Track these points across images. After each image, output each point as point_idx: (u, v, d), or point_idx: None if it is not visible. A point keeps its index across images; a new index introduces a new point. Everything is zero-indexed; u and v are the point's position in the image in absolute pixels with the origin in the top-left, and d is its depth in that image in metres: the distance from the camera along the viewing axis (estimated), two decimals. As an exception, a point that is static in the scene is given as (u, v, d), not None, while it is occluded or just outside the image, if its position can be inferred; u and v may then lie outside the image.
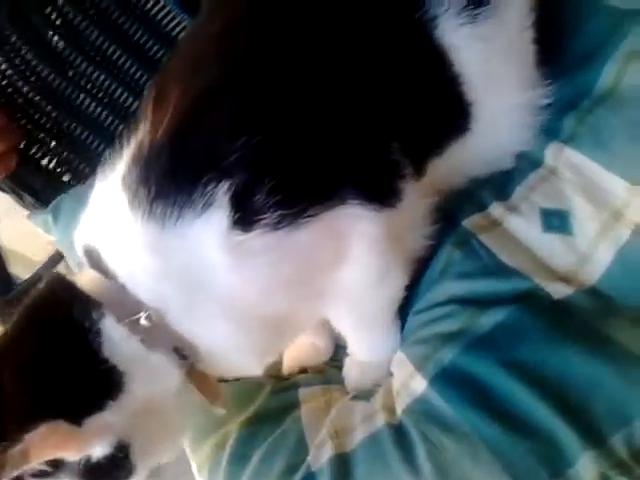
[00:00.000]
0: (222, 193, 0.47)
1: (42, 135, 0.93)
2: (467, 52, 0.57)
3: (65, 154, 0.95)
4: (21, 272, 1.09)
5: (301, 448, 0.61)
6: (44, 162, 0.94)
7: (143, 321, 0.51)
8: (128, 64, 0.93)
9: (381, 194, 0.55)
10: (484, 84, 0.59)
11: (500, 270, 0.60)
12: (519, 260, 0.61)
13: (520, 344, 0.55)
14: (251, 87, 0.52)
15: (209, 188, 0.47)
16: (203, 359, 0.56)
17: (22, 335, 0.53)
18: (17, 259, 1.33)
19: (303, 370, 0.72)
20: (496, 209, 0.65)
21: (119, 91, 0.94)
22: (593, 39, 0.63)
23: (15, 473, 0.46)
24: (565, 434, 0.50)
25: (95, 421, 0.49)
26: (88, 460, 0.49)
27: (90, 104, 0.93)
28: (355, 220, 0.53)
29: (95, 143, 0.96)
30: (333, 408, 0.64)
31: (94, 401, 0.49)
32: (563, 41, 0.65)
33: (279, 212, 0.48)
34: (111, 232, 0.53)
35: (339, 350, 0.73)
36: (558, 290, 0.57)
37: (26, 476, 0.50)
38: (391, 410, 0.60)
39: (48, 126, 0.93)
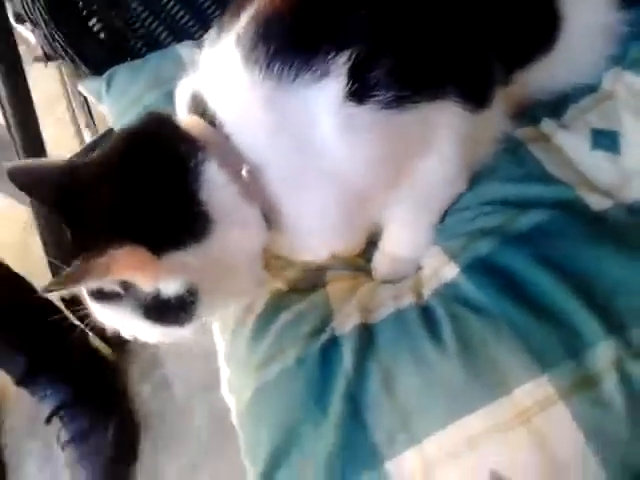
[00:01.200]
0: (342, 62, 0.49)
1: (105, 9, 0.94)
2: None
3: (123, 30, 0.95)
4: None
5: (327, 316, 0.64)
6: (102, 35, 0.95)
7: (244, 173, 0.52)
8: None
9: (478, 96, 0.57)
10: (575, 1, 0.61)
11: (544, 178, 0.63)
12: (563, 171, 0.63)
13: (555, 243, 0.57)
14: None
15: (330, 56, 0.48)
16: (281, 231, 0.58)
17: (124, 157, 0.54)
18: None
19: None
20: (548, 125, 0.67)
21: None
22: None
23: (95, 283, 0.48)
24: (588, 322, 0.52)
25: (175, 257, 0.50)
26: (157, 295, 0.52)
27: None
28: (451, 116, 0.55)
29: (154, 24, 0.96)
30: (361, 288, 0.66)
31: (179, 238, 0.51)
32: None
33: (392, 92, 0.50)
34: (222, 84, 0.54)
35: (369, 247, 0.75)
36: (598, 202, 0.60)
37: (87, 292, 0.54)
38: (419, 294, 0.62)
39: (113, 2, 0.94)
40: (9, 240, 1.57)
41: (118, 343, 1.51)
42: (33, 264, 1.43)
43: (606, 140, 0.63)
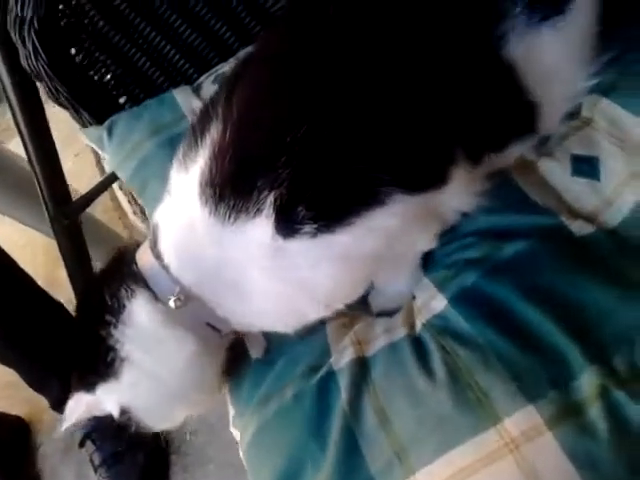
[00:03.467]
0: (270, 202, 0.53)
1: (103, 57, 0.98)
2: (531, 63, 0.61)
3: (122, 77, 0.99)
4: None
5: (324, 353, 0.66)
6: (101, 84, 0.99)
7: (171, 303, 0.59)
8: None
9: (429, 181, 0.58)
10: (547, 87, 0.63)
11: (527, 206, 0.64)
12: (547, 199, 0.64)
13: (538, 271, 0.59)
14: (304, 90, 0.56)
15: (262, 195, 0.53)
16: (236, 327, 0.64)
17: (83, 299, 0.68)
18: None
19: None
20: (530, 153, 0.69)
21: (184, 27, 0.99)
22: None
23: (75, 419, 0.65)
24: (572, 351, 0.53)
25: (100, 392, 0.62)
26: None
27: (155, 36, 0.98)
28: (393, 207, 0.55)
29: (152, 70, 1.00)
30: (357, 323, 0.68)
31: (101, 375, 0.61)
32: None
33: (316, 224, 0.53)
34: (177, 218, 0.60)
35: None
36: (580, 227, 0.61)
37: None
38: (411, 325, 0.64)
39: (109, 48, 0.98)
40: (35, 272, 1.63)
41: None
42: (61, 294, 1.49)
43: (586, 166, 0.65)
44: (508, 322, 0.57)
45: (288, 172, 0.52)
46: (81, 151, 2.14)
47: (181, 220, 0.59)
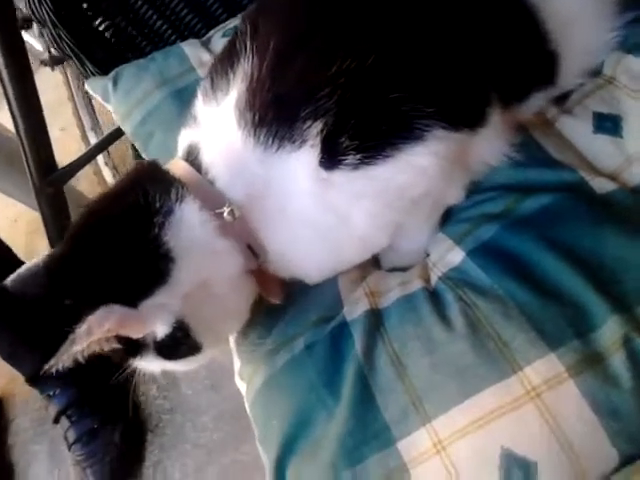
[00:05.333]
0: (315, 132, 0.52)
1: (110, 8, 0.95)
2: (552, 9, 0.61)
3: (128, 28, 0.97)
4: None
5: (336, 304, 0.65)
6: (107, 34, 0.96)
7: (226, 215, 0.55)
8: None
9: (468, 119, 0.58)
10: (569, 35, 0.63)
11: (547, 162, 0.63)
12: (567, 155, 0.64)
13: (560, 225, 0.58)
14: (343, 25, 0.55)
15: (306, 125, 0.52)
16: (270, 261, 0.61)
17: (100, 212, 0.58)
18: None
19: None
20: (550, 110, 0.68)
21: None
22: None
23: (83, 344, 0.51)
24: (595, 302, 0.53)
25: (150, 303, 0.53)
26: (156, 339, 0.55)
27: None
28: (436, 144, 0.54)
29: (158, 22, 0.98)
30: (369, 276, 0.67)
31: (146, 286, 0.54)
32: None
33: (359, 155, 0.52)
34: (217, 139, 0.58)
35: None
36: (602, 185, 0.60)
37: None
38: (427, 279, 0.63)
39: (117, 1, 0.95)
40: (15, 244, 1.59)
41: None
42: None
43: (608, 124, 0.64)
44: (529, 274, 0.56)
45: (332, 103, 0.51)
46: (67, 125, 2.09)
47: (222, 141, 0.57)
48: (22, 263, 0.56)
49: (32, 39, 1.60)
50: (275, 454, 0.59)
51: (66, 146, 1.96)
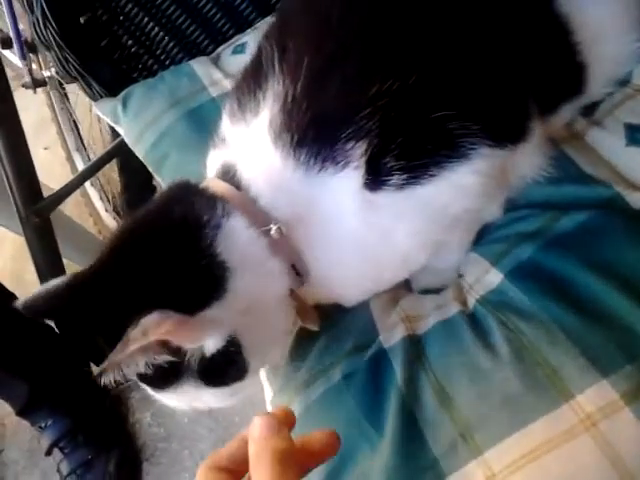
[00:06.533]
0: (360, 154, 0.51)
1: (115, 28, 0.93)
2: (582, 17, 0.60)
3: (134, 48, 0.95)
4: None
5: (371, 330, 0.63)
6: (114, 55, 0.94)
7: (273, 232, 0.54)
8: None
9: (513, 133, 0.57)
10: (596, 45, 0.62)
11: (581, 178, 0.62)
12: (600, 170, 0.62)
13: (599, 243, 0.57)
14: (380, 44, 0.54)
15: (349, 146, 0.51)
16: (310, 282, 0.59)
17: (142, 226, 0.56)
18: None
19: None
20: (580, 123, 0.66)
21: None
22: None
23: (138, 347, 0.47)
24: (643, 323, 0.51)
25: (205, 314, 0.51)
26: (203, 356, 0.52)
27: (170, 6, 0.93)
28: (479, 162, 0.54)
29: (164, 40, 0.96)
30: (402, 300, 0.66)
31: (204, 296, 0.51)
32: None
33: (404, 175, 0.52)
34: (253, 160, 0.56)
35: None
36: (638, 199, 0.59)
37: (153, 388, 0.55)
38: (464, 302, 0.62)
39: (122, 20, 0.93)
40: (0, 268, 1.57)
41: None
42: (27, 291, 1.41)
43: (640, 135, 0.63)
44: (572, 296, 0.55)
45: (374, 123, 0.50)
46: (51, 144, 2.04)
47: (260, 162, 0.55)
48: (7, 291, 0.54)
49: (14, 58, 1.55)
50: None
51: (50, 166, 1.92)
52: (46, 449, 1.34)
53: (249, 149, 0.56)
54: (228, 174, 0.57)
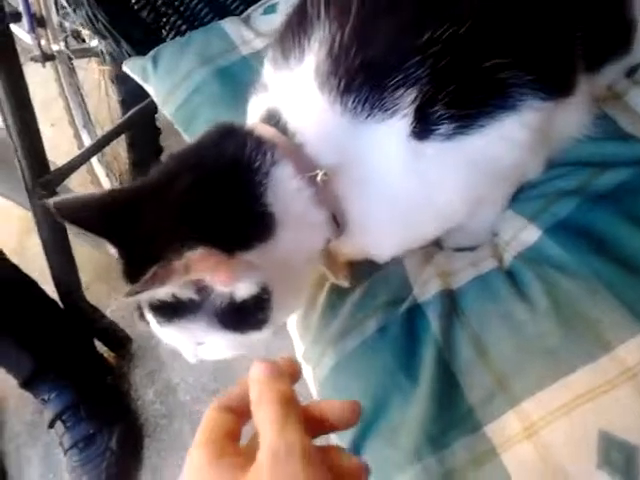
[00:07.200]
0: (408, 101, 0.50)
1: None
2: None
3: (164, 8, 0.94)
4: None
5: (405, 285, 0.63)
6: (144, 14, 0.94)
7: (319, 178, 0.53)
8: None
9: (560, 85, 0.56)
10: None
11: (621, 136, 0.62)
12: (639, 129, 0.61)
13: (639, 200, 0.56)
14: None
15: (398, 94, 0.50)
16: (347, 234, 0.58)
17: (190, 164, 0.54)
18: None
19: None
20: (621, 83, 0.66)
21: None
22: None
23: (179, 282, 0.47)
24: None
25: (246, 257, 0.50)
26: (232, 300, 0.52)
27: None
28: (527, 114, 0.53)
29: (196, 3, 0.95)
30: (435, 256, 0.65)
31: (248, 239, 0.51)
32: None
33: (453, 124, 0.51)
34: (299, 105, 0.55)
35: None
36: (679, 157, 0.58)
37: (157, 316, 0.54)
38: (500, 259, 0.61)
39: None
40: (6, 242, 1.57)
41: (122, 347, 1.51)
42: (30, 265, 1.42)
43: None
44: (613, 251, 0.55)
45: (424, 71, 0.49)
46: (57, 120, 2.03)
47: (306, 107, 0.54)
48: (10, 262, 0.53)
49: (22, 33, 1.54)
50: (350, 437, 0.57)
51: (58, 142, 1.92)
52: (49, 422, 1.35)
53: (294, 95, 0.55)
54: (273, 119, 0.56)
